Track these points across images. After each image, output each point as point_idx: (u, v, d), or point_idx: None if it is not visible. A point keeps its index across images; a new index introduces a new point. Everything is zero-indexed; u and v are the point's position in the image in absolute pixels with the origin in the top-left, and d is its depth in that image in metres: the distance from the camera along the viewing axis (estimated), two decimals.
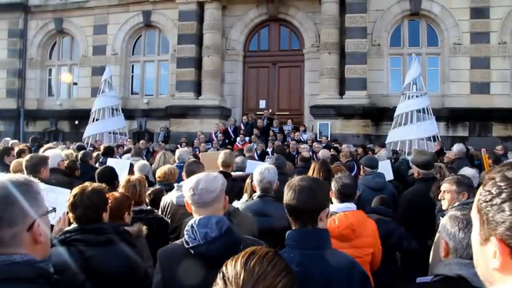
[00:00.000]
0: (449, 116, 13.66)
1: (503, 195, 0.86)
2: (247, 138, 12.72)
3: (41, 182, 3.60)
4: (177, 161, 6.48)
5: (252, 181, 3.70)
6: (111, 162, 6.70)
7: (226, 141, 12.93)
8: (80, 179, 5.15)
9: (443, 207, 3.53)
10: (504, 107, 13.44)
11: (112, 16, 17.04)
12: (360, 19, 13.90)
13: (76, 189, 2.63)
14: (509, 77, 13.89)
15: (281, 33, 15.60)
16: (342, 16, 14.03)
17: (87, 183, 2.70)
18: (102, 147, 9.20)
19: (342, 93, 13.83)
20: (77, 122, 16.67)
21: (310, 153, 8.94)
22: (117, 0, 16.88)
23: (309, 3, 14.78)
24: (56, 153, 5.68)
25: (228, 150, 5.69)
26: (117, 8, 16.95)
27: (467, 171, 5.07)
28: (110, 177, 4.54)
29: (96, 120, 13.96)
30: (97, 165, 7.29)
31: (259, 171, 3.51)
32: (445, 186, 3.56)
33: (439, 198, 3.66)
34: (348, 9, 13.96)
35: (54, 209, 1.55)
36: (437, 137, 11.49)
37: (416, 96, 11.82)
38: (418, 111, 11.64)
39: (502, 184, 0.88)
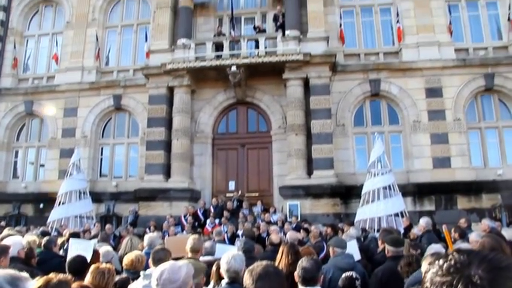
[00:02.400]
0: (415, 191, 13.99)
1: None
2: (217, 221, 12.58)
3: None
4: (146, 248, 6.31)
5: (217, 268, 3.66)
6: (73, 242, 6.46)
7: (196, 224, 12.75)
8: (39, 268, 4.95)
9: None
10: (466, 180, 13.96)
11: (83, 99, 17.23)
12: (324, 101, 14.52)
13: (40, 281, 2.52)
14: (467, 151, 14.55)
15: (249, 116, 16.02)
16: (306, 98, 14.64)
17: (52, 275, 2.60)
18: (67, 233, 8.89)
19: (310, 173, 14.06)
20: (41, 206, 16.12)
21: (281, 234, 8.88)
22: (88, 84, 17.20)
23: (275, 86, 15.41)
24: (16, 241, 5.47)
25: (196, 236, 5.62)
26: (88, 92, 17.21)
27: (435, 247, 5.19)
28: (80, 267, 4.36)
29: (63, 203, 13.58)
30: (61, 252, 7.04)
31: (226, 260, 3.49)
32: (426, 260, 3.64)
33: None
34: (312, 91, 14.62)
35: None
36: (405, 212, 11.64)
37: (382, 174, 12.10)
38: (385, 188, 11.86)
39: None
